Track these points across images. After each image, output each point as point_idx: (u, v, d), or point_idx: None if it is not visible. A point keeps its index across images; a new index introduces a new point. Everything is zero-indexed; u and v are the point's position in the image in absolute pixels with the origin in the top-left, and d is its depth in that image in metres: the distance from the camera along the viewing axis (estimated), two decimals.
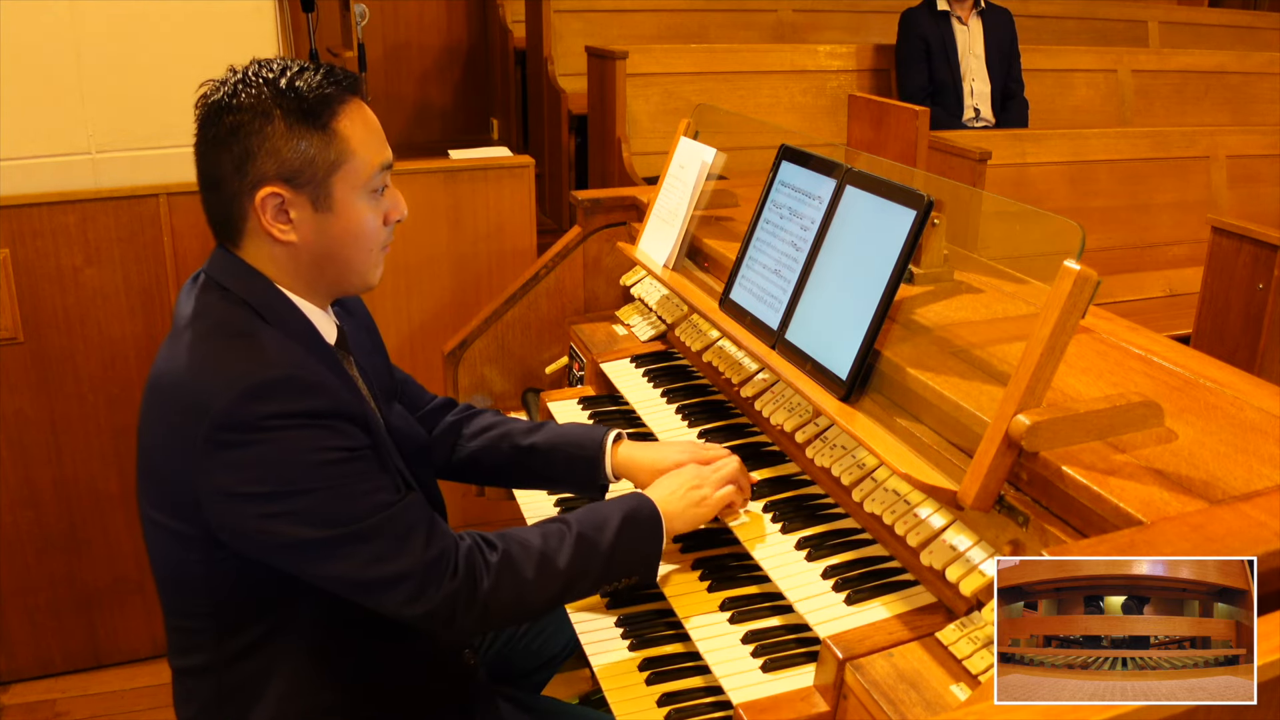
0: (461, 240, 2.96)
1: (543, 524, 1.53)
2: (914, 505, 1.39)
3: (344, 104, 1.37)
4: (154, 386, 1.38)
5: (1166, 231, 3.97)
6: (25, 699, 2.78)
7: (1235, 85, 5.23)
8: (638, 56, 4.31)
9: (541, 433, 1.79)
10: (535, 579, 1.44)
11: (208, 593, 1.41)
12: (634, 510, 1.55)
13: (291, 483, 1.29)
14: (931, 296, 1.66)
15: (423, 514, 1.40)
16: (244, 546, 1.35)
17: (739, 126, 2.35)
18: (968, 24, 4.71)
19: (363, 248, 1.42)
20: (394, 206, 1.46)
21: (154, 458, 1.39)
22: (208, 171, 1.38)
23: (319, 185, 1.36)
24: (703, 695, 1.48)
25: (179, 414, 1.32)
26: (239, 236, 1.40)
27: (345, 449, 1.33)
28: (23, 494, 2.71)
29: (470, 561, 1.40)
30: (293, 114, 1.34)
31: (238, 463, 1.29)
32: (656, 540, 1.55)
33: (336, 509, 1.32)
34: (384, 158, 1.42)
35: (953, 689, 1.20)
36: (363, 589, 1.36)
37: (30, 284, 2.59)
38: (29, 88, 2.51)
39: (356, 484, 1.33)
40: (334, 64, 1.42)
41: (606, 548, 1.50)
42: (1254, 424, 1.27)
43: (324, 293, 1.46)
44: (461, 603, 1.38)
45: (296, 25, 4.01)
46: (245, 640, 1.43)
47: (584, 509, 1.56)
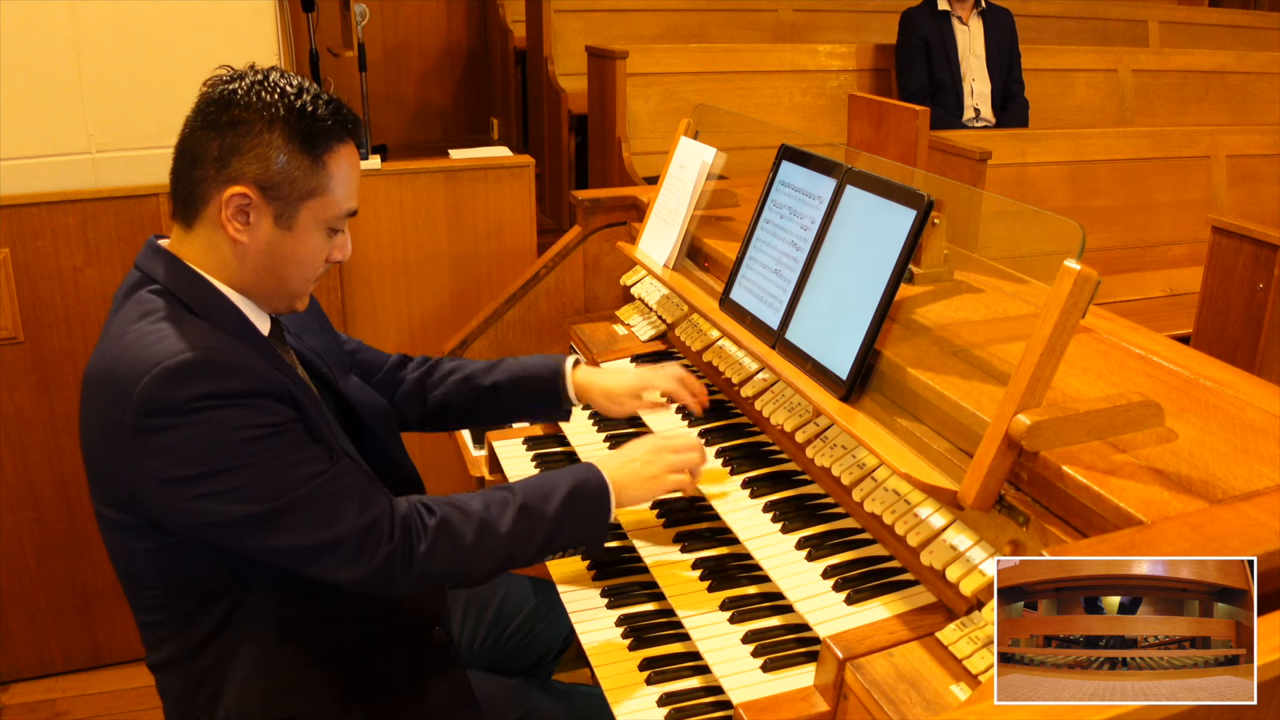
0: (461, 240, 2.96)
1: (486, 492, 1.55)
2: (914, 505, 1.39)
3: (341, 144, 1.44)
4: (85, 382, 1.42)
5: (1166, 231, 3.96)
6: (25, 699, 2.78)
7: (1235, 85, 5.23)
8: (638, 56, 4.31)
9: (502, 370, 1.88)
10: (473, 543, 1.47)
11: (161, 583, 1.44)
12: (582, 481, 1.57)
13: (219, 462, 1.32)
14: (931, 296, 1.66)
15: (355, 480, 1.43)
16: (184, 530, 1.38)
17: (739, 126, 2.35)
18: (968, 24, 4.70)
19: (302, 273, 1.47)
20: (340, 247, 1.51)
21: (92, 452, 1.41)
22: (191, 147, 1.40)
23: (288, 204, 1.41)
24: (703, 695, 1.48)
25: (106, 405, 1.34)
26: (194, 218, 1.43)
27: (270, 425, 1.36)
28: (23, 494, 2.72)
29: (406, 525, 1.43)
30: (294, 133, 1.39)
31: (164, 447, 1.31)
32: (604, 511, 1.57)
33: (266, 483, 1.34)
34: (353, 205, 1.48)
35: (953, 689, 1.20)
36: (301, 558, 1.39)
37: (30, 284, 2.59)
38: (29, 88, 2.51)
39: (284, 458, 1.36)
40: (345, 104, 1.47)
41: (551, 516, 1.53)
42: (1254, 424, 1.27)
43: (253, 296, 1.48)
44: (398, 565, 1.41)
45: (296, 25, 4.01)
46: (205, 627, 1.45)
47: (533, 478, 1.59)
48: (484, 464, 2.25)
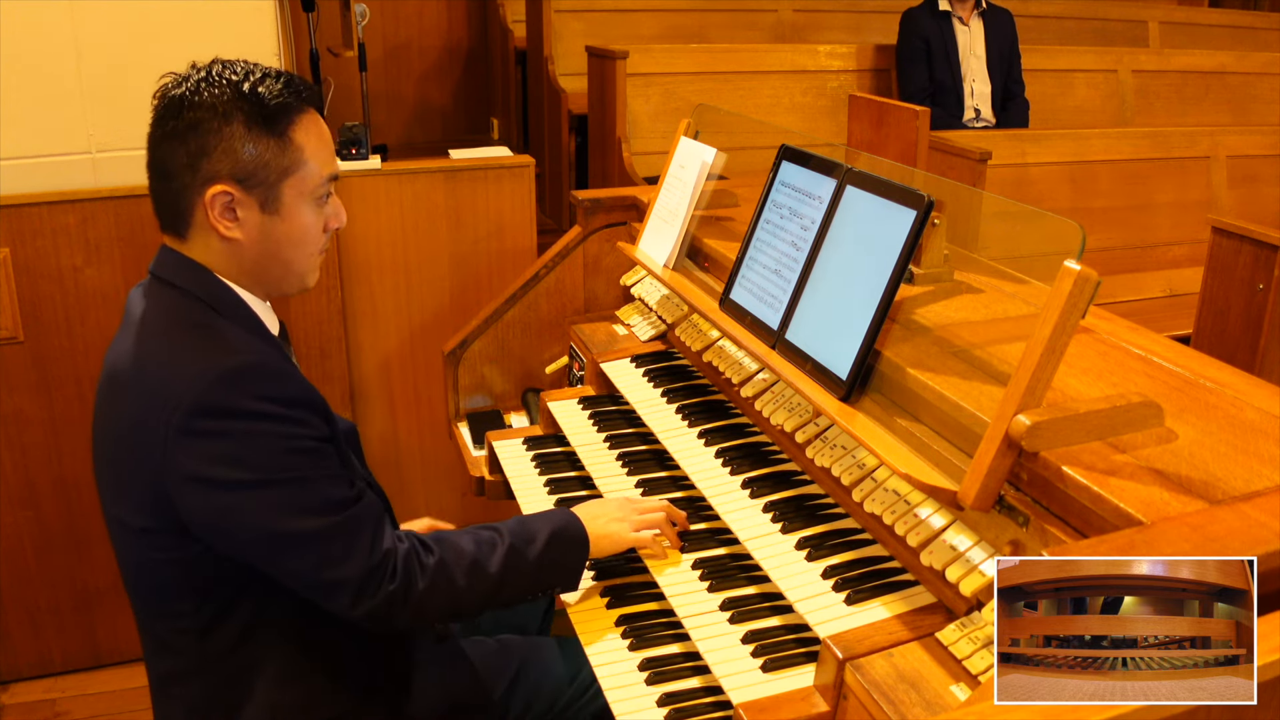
0: (461, 240, 2.96)
1: (475, 530, 1.57)
2: (914, 505, 1.39)
3: (301, 114, 1.42)
4: (111, 382, 1.41)
5: (1166, 231, 3.96)
6: (25, 699, 2.78)
7: (1235, 85, 5.22)
8: (638, 56, 4.31)
9: None
10: (467, 584, 1.50)
11: (183, 591, 1.43)
12: (562, 527, 1.62)
13: (262, 469, 1.33)
14: (931, 296, 1.66)
15: (374, 514, 1.44)
16: (213, 537, 1.37)
17: (739, 126, 2.35)
18: (969, 24, 4.70)
19: (303, 251, 1.47)
20: (335, 215, 1.50)
21: (117, 454, 1.41)
22: (161, 162, 1.40)
23: (269, 188, 1.40)
24: (703, 695, 1.48)
25: (143, 406, 1.34)
26: (185, 228, 1.43)
27: (312, 438, 1.37)
28: (23, 494, 2.72)
29: (408, 565, 1.45)
30: (253, 118, 1.37)
31: (210, 449, 1.31)
32: (581, 557, 1.62)
33: (303, 500, 1.35)
34: (332, 168, 1.47)
35: (953, 689, 1.20)
36: (314, 587, 1.40)
37: (30, 284, 2.59)
38: (29, 88, 2.51)
39: (321, 475, 1.38)
40: (294, 74, 1.46)
41: (534, 559, 1.56)
42: (1254, 424, 1.27)
43: (264, 289, 1.49)
44: (398, 604, 1.43)
45: (297, 25, 4.02)
46: (226, 637, 1.45)
47: (514, 521, 1.62)
48: (484, 464, 2.25)
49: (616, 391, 2.11)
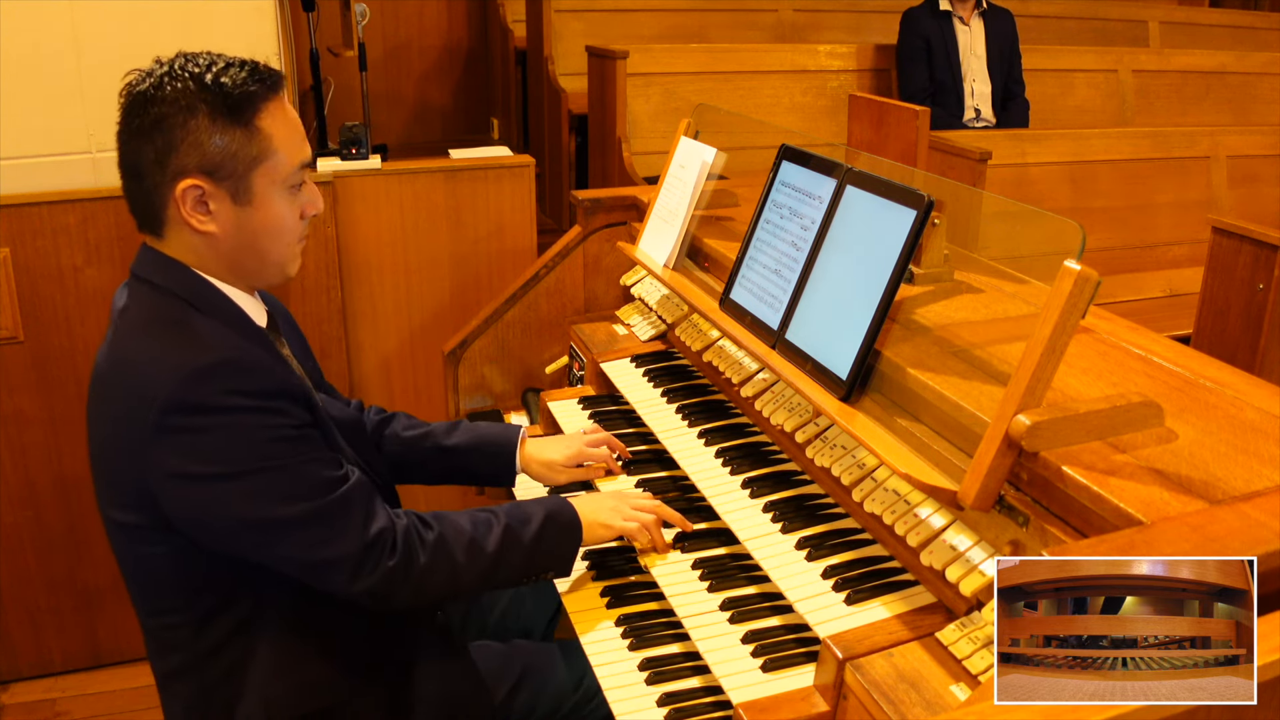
0: (461, 240, 2.96)
1: (471, 512, 1.58)
2: (914, 505, 1.39)
3: (267, 101, 1.41)
4: (97, 382, 1.42)
5: (1166, 231, 3.96)
6: (25, 699, 2.78)
7: (1235, 85, 5.22)
8: (638, 56, 4.31)
9: (461, 433, 1.89)
10: (465, 561, 1.51)
11: (177, 586, 1.44)
12: (556, 512, 1.63)
13: (240, 462, 1.33)
14: (931, 296, 1.66)
15: (364, 493, 1.44)
16: (199, 532, 1.38)
17: (739, 126, 2.35)
18: (969, 24, 4.70)
19: (280, 241, 1.46)
20: (310, 202, 1.49)
21: (105, 453, 1.41)
22: (130, 161, 1.40)
23: (239, 179, 1.39)
24: (703, 695, 1.48)
25: (124, 405, 1.35)
26: (160, 226, 1.42)
27: (291, 427, 1.37)
28: (23, 494, 2.72)
29: (408, 540, 1.45)
30: (217, 109, 1.36)
31: (187, 446, 1.31)
32: (575, 541, 1.63)
33: (285, 487, 1.35)
34: (304, 155, 1.46)
35: (953, 689, 1.20)
36: (309, 568, 1.41)
37: (30, 284, 2.59)
38: (29, 87, 2.51)
39: (303, 462, 1.38)
40: (258, 62, 1.45)
41: (530, 541, 1.58)
42: (1254, 424, 1.27)
43: (245, 282, 1.49)
44: (399, 579, 1.44)
45: (297, 25, 4.02)
46: (222, 630, 1.45)
47: (509, 504, 1.63)
48: None
49: (616, 391, 2.11)
